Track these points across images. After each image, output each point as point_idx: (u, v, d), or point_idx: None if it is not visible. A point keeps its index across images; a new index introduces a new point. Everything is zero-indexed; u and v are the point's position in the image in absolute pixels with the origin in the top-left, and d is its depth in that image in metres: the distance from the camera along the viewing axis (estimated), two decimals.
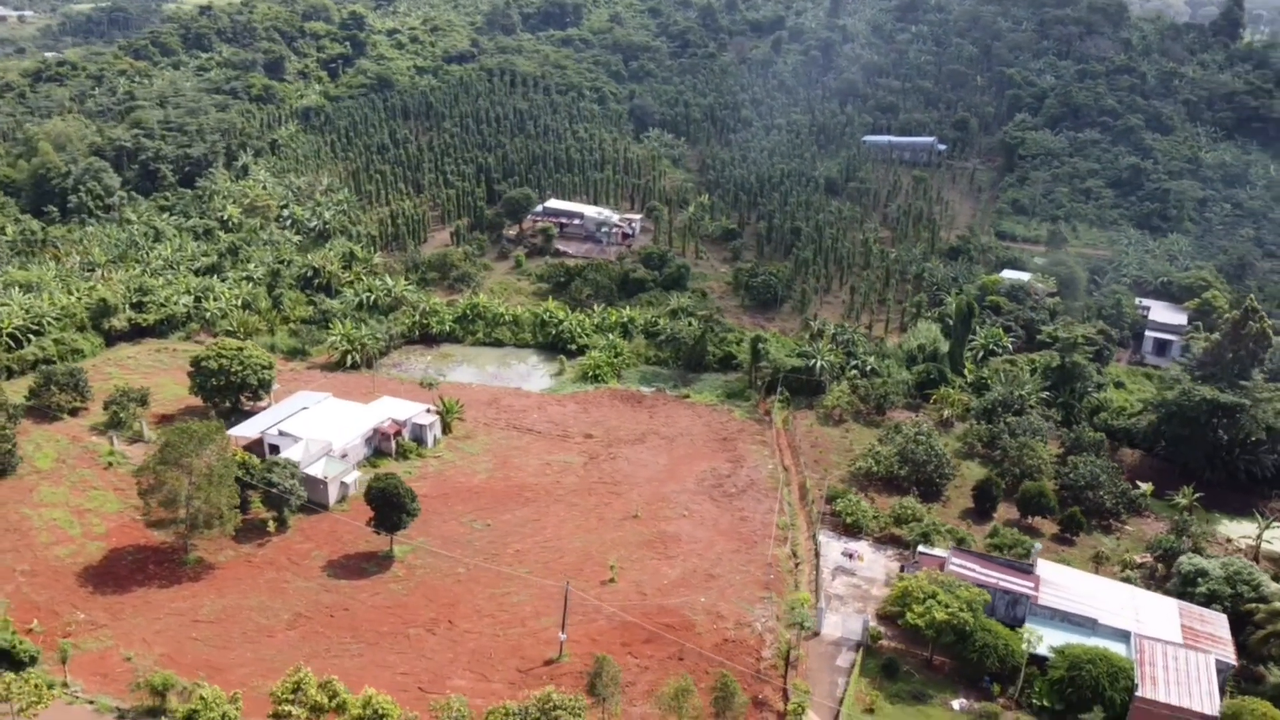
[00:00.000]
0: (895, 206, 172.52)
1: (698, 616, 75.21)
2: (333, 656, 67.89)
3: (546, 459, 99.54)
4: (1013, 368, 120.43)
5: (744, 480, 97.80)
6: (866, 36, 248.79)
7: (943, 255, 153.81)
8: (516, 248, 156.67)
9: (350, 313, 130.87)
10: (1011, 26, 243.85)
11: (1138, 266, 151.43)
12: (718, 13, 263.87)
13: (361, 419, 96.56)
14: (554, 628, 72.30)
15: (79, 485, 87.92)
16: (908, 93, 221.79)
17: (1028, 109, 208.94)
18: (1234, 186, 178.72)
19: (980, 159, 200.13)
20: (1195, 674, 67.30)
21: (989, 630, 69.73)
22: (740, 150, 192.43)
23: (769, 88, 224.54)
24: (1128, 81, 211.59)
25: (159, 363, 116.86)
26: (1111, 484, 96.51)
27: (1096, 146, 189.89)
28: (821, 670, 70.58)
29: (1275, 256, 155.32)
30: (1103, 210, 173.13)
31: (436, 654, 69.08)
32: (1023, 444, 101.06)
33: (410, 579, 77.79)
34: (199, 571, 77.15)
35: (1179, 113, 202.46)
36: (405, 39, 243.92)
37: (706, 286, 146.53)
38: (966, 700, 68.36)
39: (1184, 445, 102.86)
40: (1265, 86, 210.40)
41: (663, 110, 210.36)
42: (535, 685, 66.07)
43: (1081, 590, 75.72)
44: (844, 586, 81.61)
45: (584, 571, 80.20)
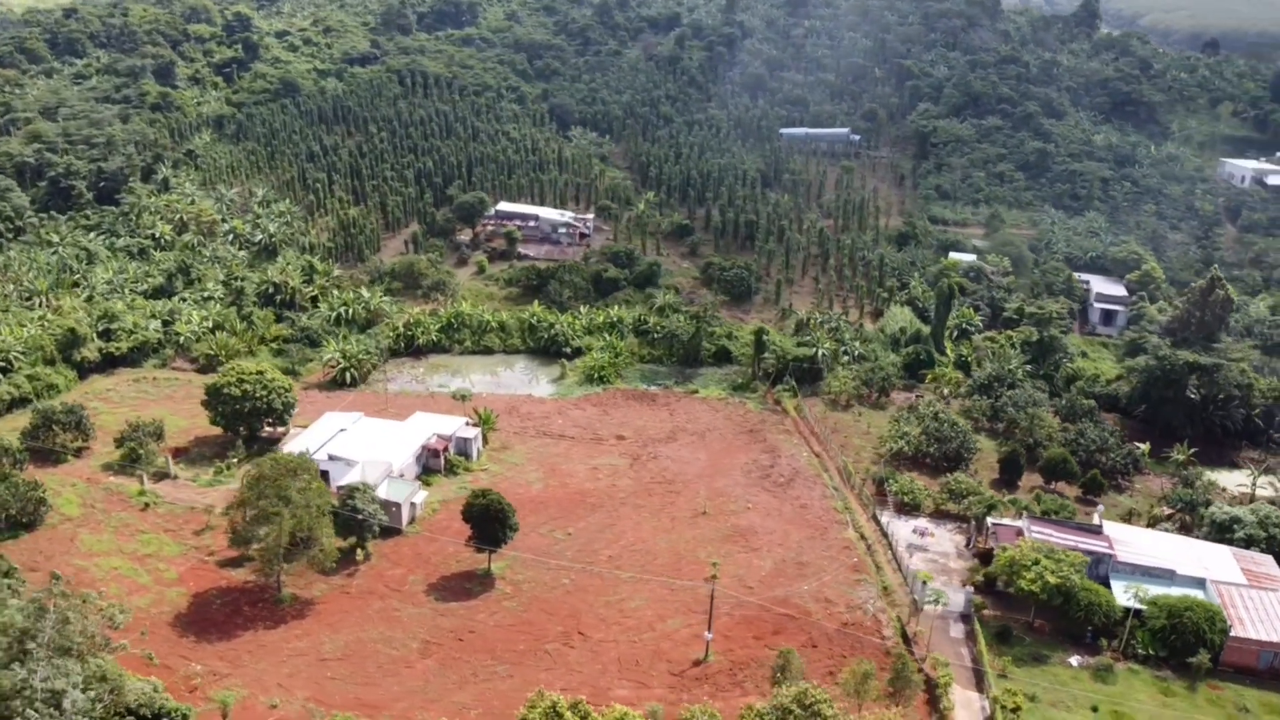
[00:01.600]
0: (830, 197, 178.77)
1: (809, 604, 77.12)
2: (484, 680, 66.18)
3: (591, 463, 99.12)
4: (992, 344, 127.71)
5: (787, 469, 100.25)
6: (763, 32, 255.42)
7: (891, 241, 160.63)
8: (474, 252, 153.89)
9: (328, 329, 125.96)
10: (899, 21, 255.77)
11: (1065, 244, 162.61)
12: (613, 10, 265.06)
13: (409, 436, 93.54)
14: (682, 629, 72.83)
15: (122, 530, 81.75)
16: (812, 86, 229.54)
17: (928, 99, 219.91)
18: (1125, 166, 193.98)
19: (891, 148, 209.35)
20: (1272, 610, 74.21)
21: (1091, 589, 74.65)
22: (669, 147, 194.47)
23: (681, 84, 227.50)
24: (1014, 71, 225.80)
25: (143, 393, 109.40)
26: (1117, 447, 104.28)
27: (1000, 132, 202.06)
28: (941, 643, 73.77)
29: (1179, 230, 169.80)
30: (1018, 192, 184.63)
31: (584, 666, 68.37)
32: (1033, 415, 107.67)
33: (520, 595, 76.41)
34: (300, 608, 73.33)
35: (1063, 99, 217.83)
36: (298, 40, 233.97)
37: (675, 282, 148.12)
38: (1080, 657, 73.03)
39: (1166, 406, 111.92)
40: (1133, 73, 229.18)
41: (581, 109, 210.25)
42: (694, 687, 66.72)
43: (1149, 545, 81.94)
44: (922, 562, 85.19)
45: (682, 571, 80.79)
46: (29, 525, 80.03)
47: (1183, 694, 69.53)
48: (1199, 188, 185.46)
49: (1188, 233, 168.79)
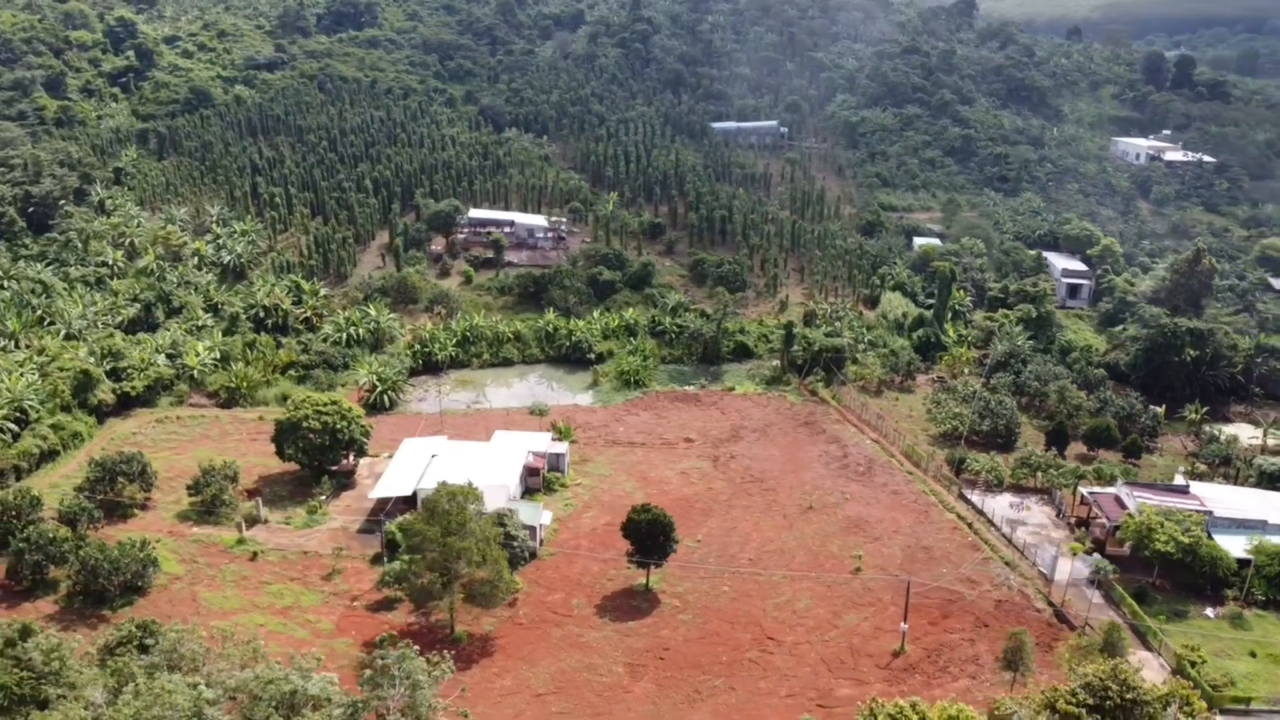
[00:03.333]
0: (782, 189, 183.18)
1: (957, 586, 79.93)
2: (709, 696, 65.50)
3: (676, 468, 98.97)
4: (991, 322, 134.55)
5: (860, 457, 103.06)
6: (670, 28, 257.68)
7: (859, 230, 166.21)
8: (454, 261, 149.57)
9: (343, 350, 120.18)
10: (800, 14, 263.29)
11: (1011, 224, 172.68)
12: (515, 8, 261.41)
13: (506, 457, 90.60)
14: (861, 623, 74.28)
15: (243, 584, 76.02)
16: (730, 80, 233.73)
17: (844, 90, 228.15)
18: (1036, 148, 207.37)
19: (816, 139, 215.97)
20: None
21: (1212, 545, 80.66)
22: (615, 146, 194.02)
23: (603, 81, 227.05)
24: (918, 61, 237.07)
25: (174, 434, 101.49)
26: (1143, 411, 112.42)
27: (921, 120, 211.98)
28: (1097, 607, 77.99)
29: (1105, 205, 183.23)
30: (951, 177, 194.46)
31: (794, 670, 68.66)
32: (1062, 388, 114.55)
33: (690, 607, 75.76)
34: (480, 645, 70.27)
35: (970, 87, 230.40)
36: (191, 46, 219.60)
37: (666, 281, 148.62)
38: (1213, 609, 78.86)
39: (1165, 370, 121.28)
40: (1023, 60, 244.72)
41: (513, 110, 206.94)
42: (907, 679, 68.30)
43: (1234, 499, 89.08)
44: (1026, 535, 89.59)
45: (824, 565, 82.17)
46: (140, 589, 73.24)
47: None
48: (1107, 166, 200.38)
49: (1112, 208, 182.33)
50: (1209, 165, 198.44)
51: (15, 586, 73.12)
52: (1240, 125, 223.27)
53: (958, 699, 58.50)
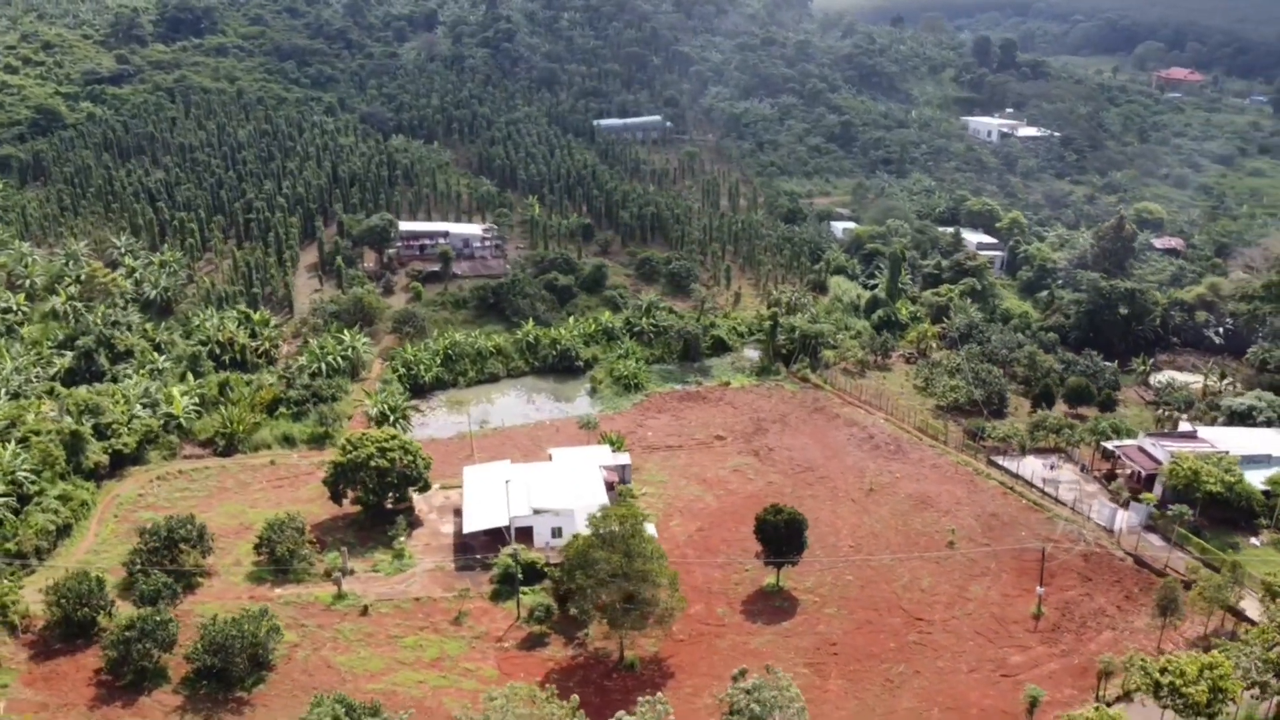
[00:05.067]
0: (690, 183, 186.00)
1: (1043, 545, 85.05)
2: (902, 683, 66.83)
3: (727, 467, 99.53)
4: (939, 298, 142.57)
5: (885, 437, 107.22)
6: (528, 26, 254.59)
7: (781, 219, 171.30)
8: (394, 277, 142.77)
9: (325, 381, 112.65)
10: (654, 9, 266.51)
11: (909, 203, 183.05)
12: (364, 9, 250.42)
13: (582, 473, 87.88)
14: (990, 592, 77.88)
15: (373, 641, 70.40)
16: (602, 77, 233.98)
17: (715, 82, 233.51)
18: (901, 129, 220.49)
19: (699, 131, 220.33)
20: None
21: (1243, 483, 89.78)
22: (509, 148, 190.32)
23: (477, 83, 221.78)
24: (778, 52, 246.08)
25: (185, 491, 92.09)
26: (1105, 369, 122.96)
27: (798, 109, 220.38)
28: (1159, 550, 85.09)
29: (985, 180, 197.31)
30: (838, 162, 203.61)
31: (960, 647, 71.07)
32: (1032, 353, 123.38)
33: (829, 600, 76.70)
34: (654, 668, 68.37)
35: (834, 76, 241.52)
36: (14, 60, 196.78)
37: (616, 281, 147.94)
38: (1255, 538, 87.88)
39: (1103, 329, 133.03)
40: (872, 49, 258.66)
41: (394, 116, 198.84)
42: (1062, 638, 72.38)
43: (1236, 439, 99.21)
44: (1068, 491, 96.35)
45: (919, 543, 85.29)
46: (267, 664, 66.50)
47: None
48: (971, 144, 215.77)
49: (990, 183, 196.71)
50: (1056, 139, 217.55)
51: (117, 681, 64.62)
52: (1066, 100, 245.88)
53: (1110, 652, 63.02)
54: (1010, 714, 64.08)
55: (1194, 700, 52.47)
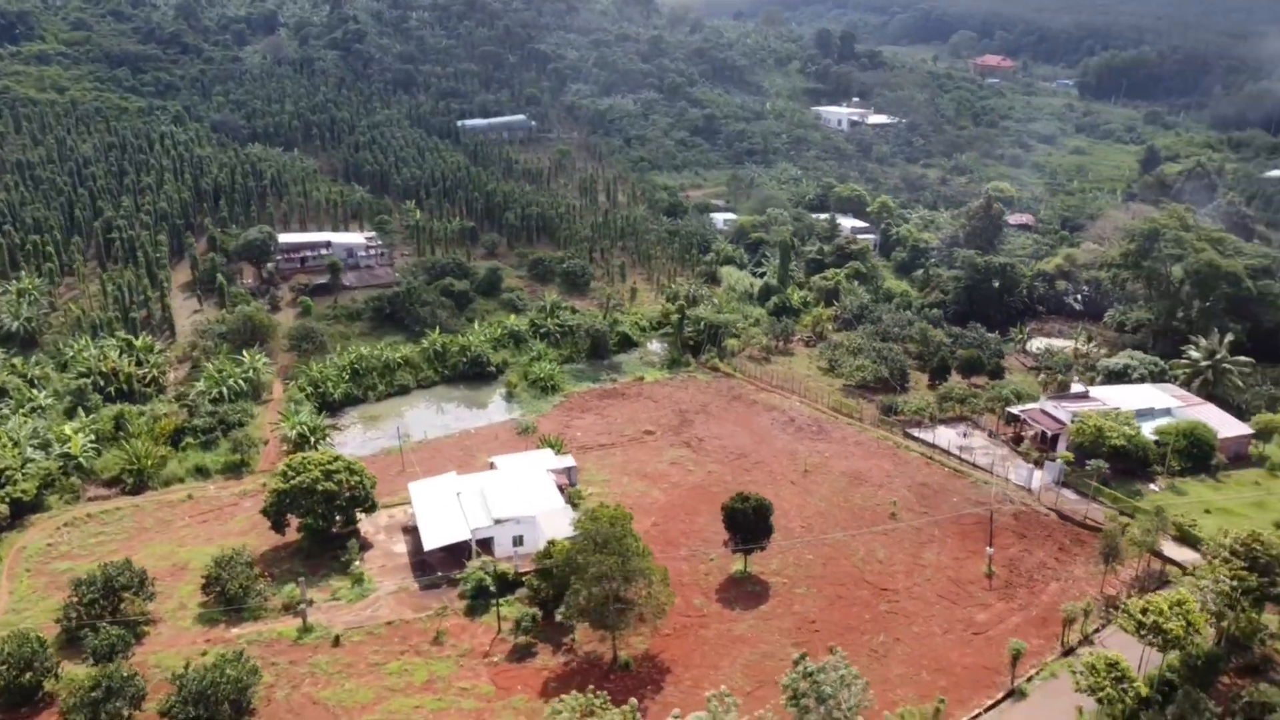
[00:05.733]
0: (564, 181, 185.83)
1: (980, 509, 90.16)
2: (886, 651, 69.31)
3: (664, 460, 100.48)
4: (826, 282, 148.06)
5: (805, 418, 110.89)
6: (376, 26, 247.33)
7: (663, 213, 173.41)
8: (276, 291, 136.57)
9: (228, 406, 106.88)
10: (504, 7, 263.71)
11: (779, 192, 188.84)
12: (196, 11, 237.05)
13: (534, 480, 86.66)
14: (941, 557, 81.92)
15: (354, 672, 67.41)
16: (460, 77, 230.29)
17: (574, 79, 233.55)
18: (760, 120, 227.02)
19: (563, 128, 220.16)
20: (1220, 417, 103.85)
21: (1140, 435, 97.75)
22: (375, 152, 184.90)
23: (332, 86, 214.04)
24: (634, 48, 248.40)
25: (100, 536, 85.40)
26: (989, 339, 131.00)
27: (660, 104, 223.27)
28: (1073, 506, 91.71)
29: (845, 167, 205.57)
30: (705, 155, 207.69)
31: (929, 611, 74.25)
32: (923, 329, 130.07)
33: (798, 581, 78.54)
34: (653, 665, 68.36)
35: (682, 69, 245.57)
36: None
37: (512, 283, 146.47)
38: (1153, 483, 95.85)
39: (981, 301, 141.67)
40: (721, 43, 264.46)
41: (249, 123, 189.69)
42: (1017, 594, 77.06)
43: (1122, 396, 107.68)
44: (983, 456, 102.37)
45: (864, 517, 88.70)
46: (247, 709, 62.76)
47: (1223, 484, 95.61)
48: (828, 134, 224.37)
49: (851, 169, 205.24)
50: (903, 125, 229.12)
51: None
52: (905, 88, 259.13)
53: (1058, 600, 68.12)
54: (991, 668, 67.85)
55: (1174, 634, 57.23)
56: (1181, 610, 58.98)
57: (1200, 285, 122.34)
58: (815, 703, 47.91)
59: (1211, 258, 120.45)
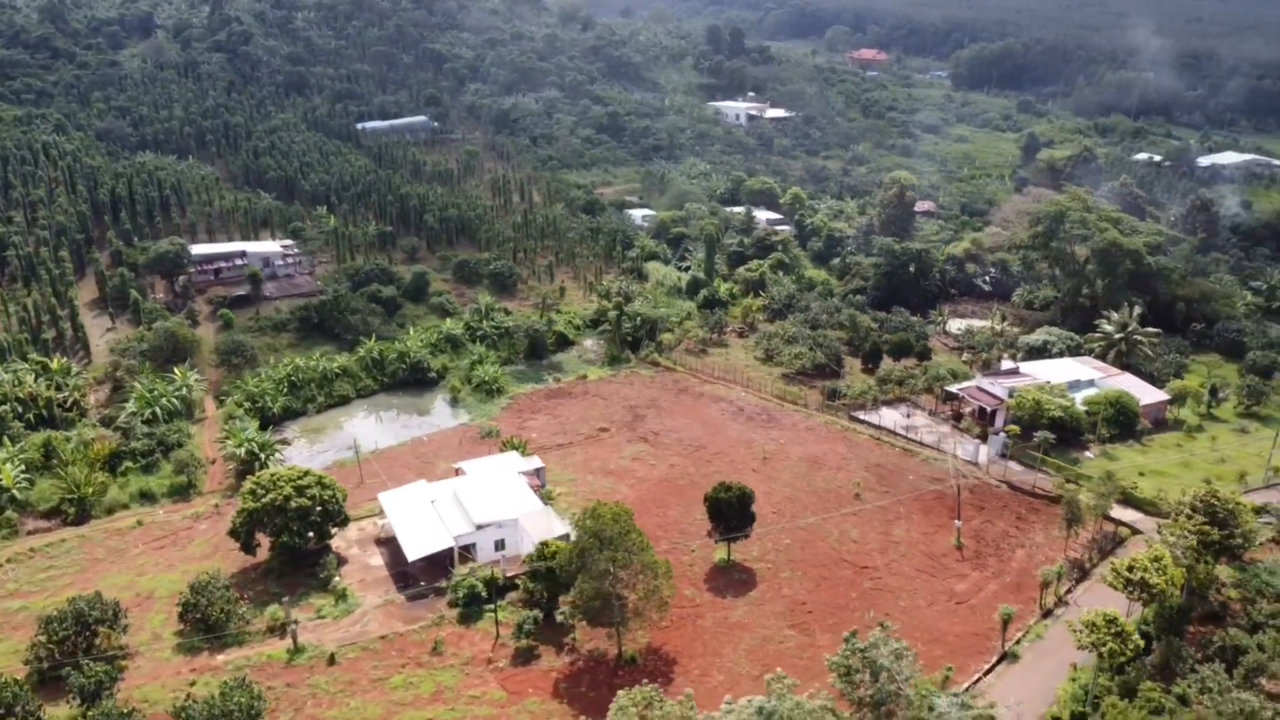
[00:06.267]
0: (475, 182, 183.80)
1: (934, 486, 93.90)
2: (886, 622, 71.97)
3: (626, 455, 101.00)
4: (751, 274, 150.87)
5: (753, 408, 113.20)
6: (260, 27, 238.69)
7: (580, 210, 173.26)
8: (193, 305, 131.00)
9: (165, 426, 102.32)
10: (392, 6, 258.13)
11: (689, 186, 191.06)
12: (63, 13, 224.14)
13: (507, 483, 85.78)
14: (912, 534, 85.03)
15: (356, 689, 65.61)
16: (356, 78, 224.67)
17: (472, 78, 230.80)
18: (662, 117, 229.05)
19: (466, 129, 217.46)
20: (1139, 385, 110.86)
21: (1074, 406, 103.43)
22: (280, 157, 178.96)
23: (220, 89, 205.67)
24: (529, 46, 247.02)
25: (50, 571, 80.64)
26: (913, 323, 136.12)
27: (562, 102, 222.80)
28: (1020, 476, 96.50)
29: (752, 160, 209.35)
30: (613, 152, 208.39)
31: (910, 586, 77.01)
32: (852, 316, 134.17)
33: (781, 565, 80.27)
34: (656, 660, 68.71)
35: (581, 67, 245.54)
36: None
37: (439, 287, 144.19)
38: (1088, 450, 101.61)
39: (900, 287, 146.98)
40: (614, 40, 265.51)
41: (137, 131, 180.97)
42: (985, 563, 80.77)
43: (1049, 370, 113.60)
44: (928, 434, 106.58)
45: (830, 500, 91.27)
46: None
47: (1149, 448, 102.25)
48: (730, 128, 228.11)
49: (757, 162, 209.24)
50: (799, 118, 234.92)
51: None
52: (795, 82, 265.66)
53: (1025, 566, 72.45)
54: (980, 635, 71.02)
55: (1159, 588, 61.24)
56: (1160, 565, 63.09)
57: (1105, 263, 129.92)
58: (870, 677, 49.41)
59: (1115, 237, 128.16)
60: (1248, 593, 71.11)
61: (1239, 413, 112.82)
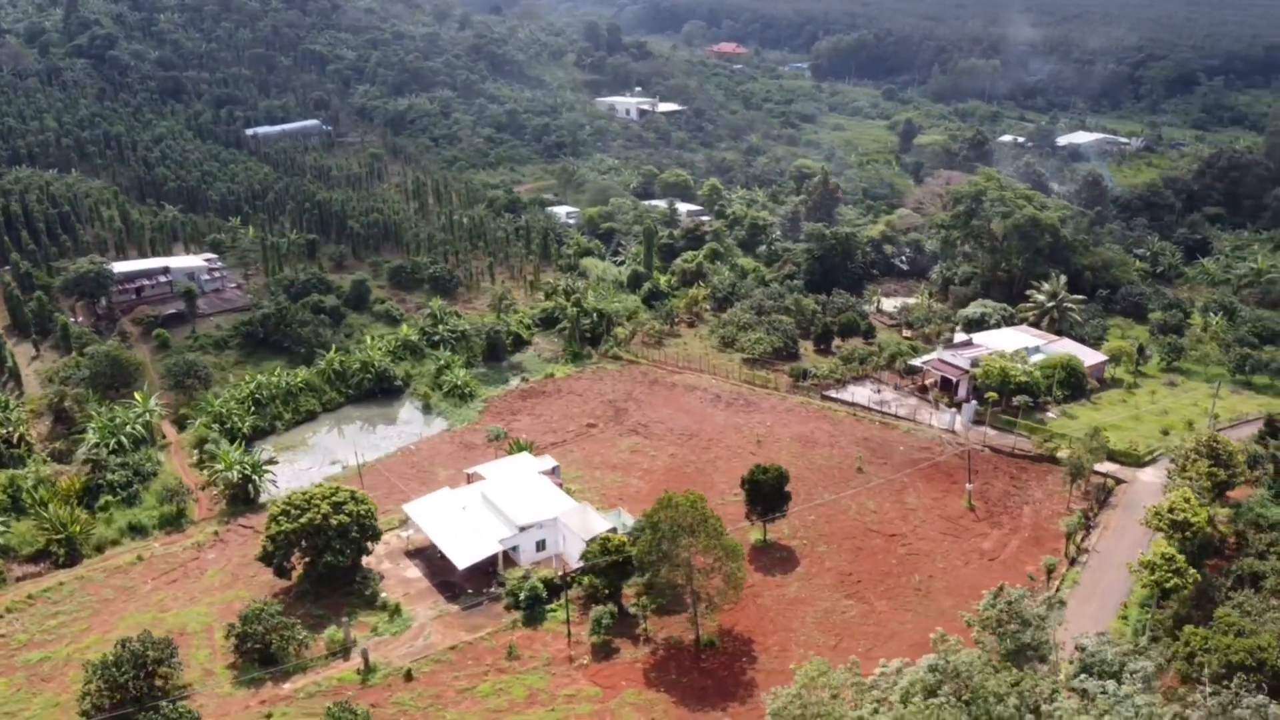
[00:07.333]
0: (386, 185, 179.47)
1: (924, 454, 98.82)
2: (927, 589, 75.35)
3: (625, 449, 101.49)
4: (687, 264, 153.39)
5: (730, 394, 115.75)
6: (122, 30, 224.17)
7: (502, 211, 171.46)
8: (126, 327, 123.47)
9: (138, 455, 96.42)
10: (262, 7, 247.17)
11: (601, 181, 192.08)
12: None
13: (532, 483, 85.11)
14: (925, 501, 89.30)
15: (445, 701, 64.19)
16: (234, 82, 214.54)
17: (358, 80, 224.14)
18: (556, 114, 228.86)
19: (359, 132, 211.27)
20: (1079, 349, 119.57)
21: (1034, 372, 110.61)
22: (177, 167, 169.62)
23: (91, 97, 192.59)
24: (411, 45, 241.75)
25: (59, 618, 75.05)
26: (854, 303, 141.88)
27: (458, 102, 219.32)
28: (997, 438, 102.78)
29: (657, 154, 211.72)
30: (516, 150, 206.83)
31: (939, 548, 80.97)
32: (797, 300, 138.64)
33: (817, 540, 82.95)
34: (733, 639, 70.15)
35: (468, 65, 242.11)
36: None
37: (378, 295, 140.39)
38: (1050, 410, 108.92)
39: (830, 270, 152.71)
40: (493, 38, 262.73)
41: (6, 144, 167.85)
42: (1000, 520, 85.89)
43: (997, 340, 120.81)
44: (900, 407, 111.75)
45: (835, 475, 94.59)
46: None
47: (1099, 405, 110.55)
48: (628, 124, 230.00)
49: (663, 156, 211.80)
50: (690, 112, 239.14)
51: None
52: (676, 76, 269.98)
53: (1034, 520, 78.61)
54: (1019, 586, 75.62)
55: (1198, 526, 67.23)
56: (1190, 505, 69.19)
57: (1024, 238, 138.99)
58: (1021, 625, 52.38)
59: (1032, 213, 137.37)
60: (1241, 526, 78.48)
61: (1162, 369, 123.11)
